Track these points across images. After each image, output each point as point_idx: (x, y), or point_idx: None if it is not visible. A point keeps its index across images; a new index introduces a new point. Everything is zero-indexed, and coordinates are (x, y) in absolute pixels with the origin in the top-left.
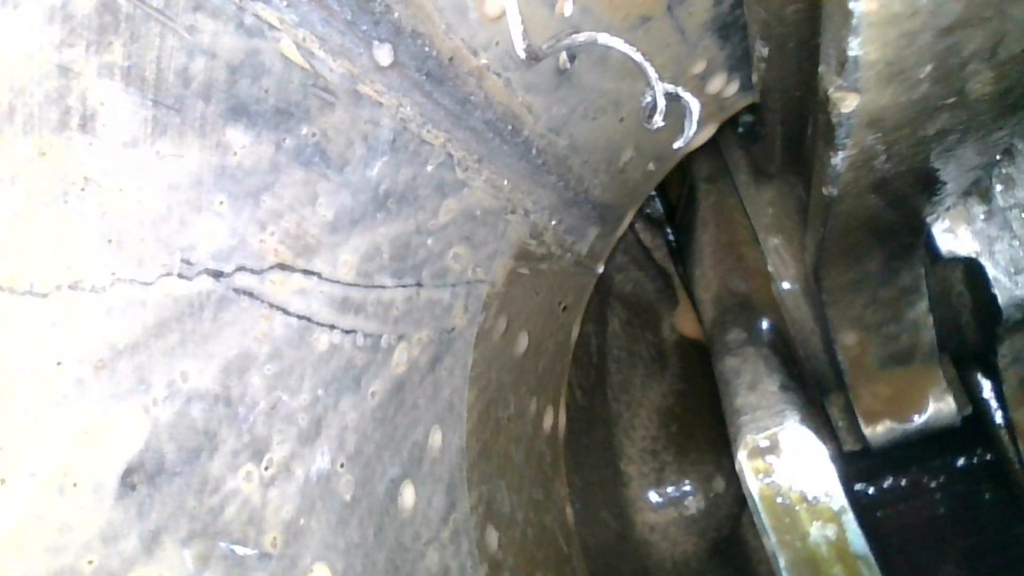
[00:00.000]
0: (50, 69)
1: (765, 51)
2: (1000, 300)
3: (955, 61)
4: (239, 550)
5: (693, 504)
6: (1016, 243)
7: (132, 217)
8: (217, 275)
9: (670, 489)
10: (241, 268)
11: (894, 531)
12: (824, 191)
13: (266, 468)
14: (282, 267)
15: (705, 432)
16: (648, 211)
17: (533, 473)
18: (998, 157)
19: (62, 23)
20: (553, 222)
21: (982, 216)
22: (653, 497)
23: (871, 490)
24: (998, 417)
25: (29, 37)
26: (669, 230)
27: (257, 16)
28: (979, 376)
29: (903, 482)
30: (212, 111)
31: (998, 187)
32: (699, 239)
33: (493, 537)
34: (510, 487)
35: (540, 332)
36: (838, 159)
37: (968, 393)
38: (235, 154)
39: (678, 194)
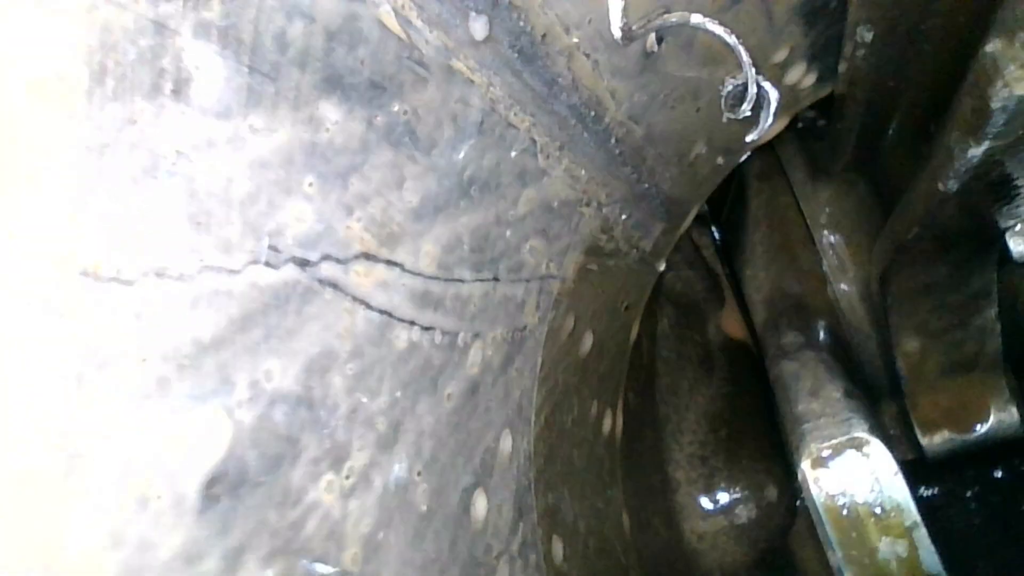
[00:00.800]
0: (145, 24)
1: (869, 36)
2: None
3: None
4: (320, 568)
5: (744, 513)
6: None
7: (221, 197)
8: (303, 264)
9: (720, 496)
10: (327, 257)
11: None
12: (940, 186)
13: (347, 477)
14: (367, 256)
15: (755, 438)
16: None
17: (594, 480)
18: None
19: None
20: (623, 216)
21: None
22: (703, 504)
23: None
24: None
25: None
26: (715, 228)
27: None
28: None
29: (937, 490)
30: (307, 81)
31: None
32: (750, 238)
33: (559, 548)
34: (573, 495)
35: (604, 332)
36: (979, 151)
37: None
38: (327, 130)
39: (724, 192)
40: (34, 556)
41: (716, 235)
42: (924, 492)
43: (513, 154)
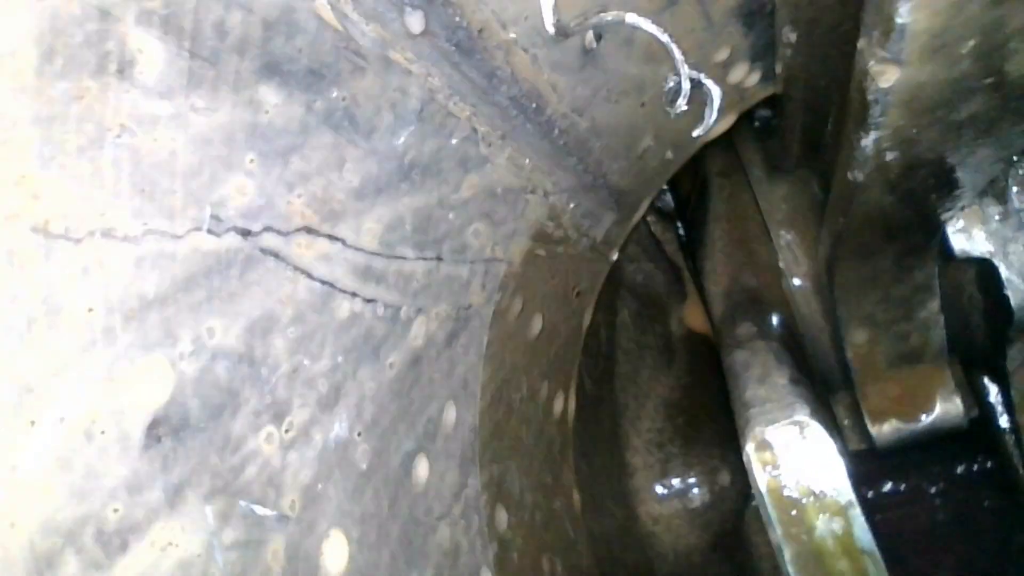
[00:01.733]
0: (91, 11)
1: (793, 36)
2: (1013, 302)
3: (999, 36)
4: (259, 510)
5: (697, 497)
6: None
7: (165, 168)
8: (245, 233)
9: (675, 481)
10: (268, 228)
11: (892, 535)
12: (849, 176)
13: (286, 431)
14: (308, 230)
15: (711, 426)
16: (659, 204)
17: (542, 456)
18: (1015, 158)
19: None
20: (571, 205)
21: (997, 217)
22: (658, 489)
23: (871, 494)
24: (1004, 422)
25: None
26: (680, 224)
27: None
28: (986, 380)
29: (903, 487)
30: (246, 67)
31: (1014, 188)
32: (711, 233)
33: (503, 517)
34: (520, 469)
35: (554, 316)
36: (869, 140)
37: (975, 396)
38: (267, 112)
39: (690, 188)
40: None
41: (680, 230)
42: (889, 487)
43: (454, 141)
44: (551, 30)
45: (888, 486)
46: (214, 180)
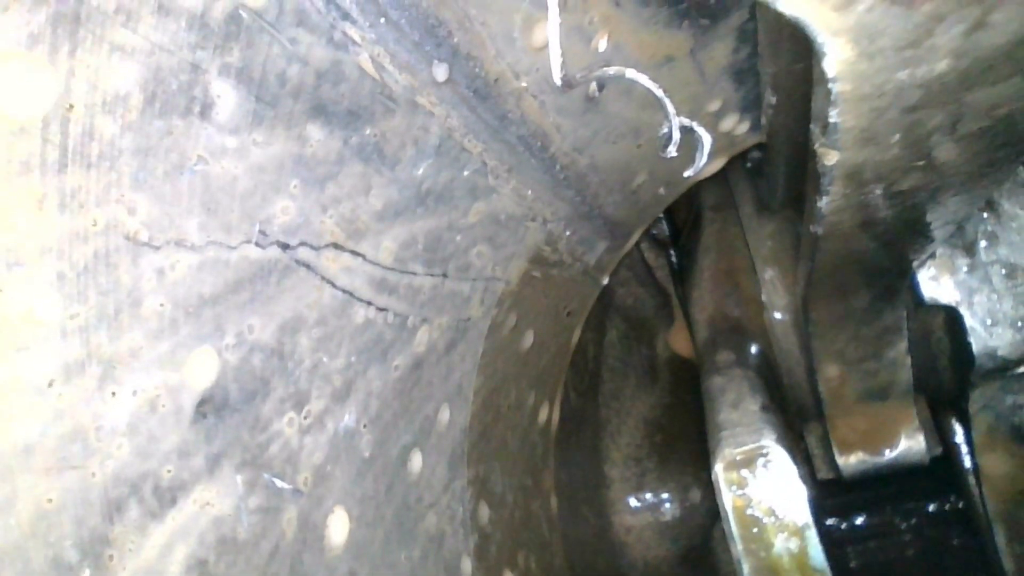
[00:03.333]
0: (185, 64)
1: (774, 99)
2: (975, 348)
3: (920, 132)
4: (278, 482)
5: (669, 512)
6: (994, 296)
7: (227, 191)
8: (284, 247)
9: (648, 495)
10: (303, 243)
11: (862, 568)
12: (811, 228)
13: (305, 417)
14: (335, 246)
15: (687, 446)
16: (654, 232)
17: (525, 461)
18: (985, 214)
19: (199, 29)
20: (567, 232)
21: (965, 268)
22: (632, 501)
23: (844, 525)
24: (967, 462)
25: (173, 37)
26: (672, 252)
27: (345, 33)
28: (952, 420)
29: (875, 521)
30: (298, 108)
31: (983, 242)
32: (700, 263)
33: (485, 512)
34: (503, 470)
35: (545, 332)
36: (823, 203)
37: (940, 436)
38: (311, 146)
39: (684, 219)
40: (74, 434)
41: (672, 258)
42: (861, 520)
43: (466, 173)
44: (558, 82)
45: (860, 519)
46: (264, 201)
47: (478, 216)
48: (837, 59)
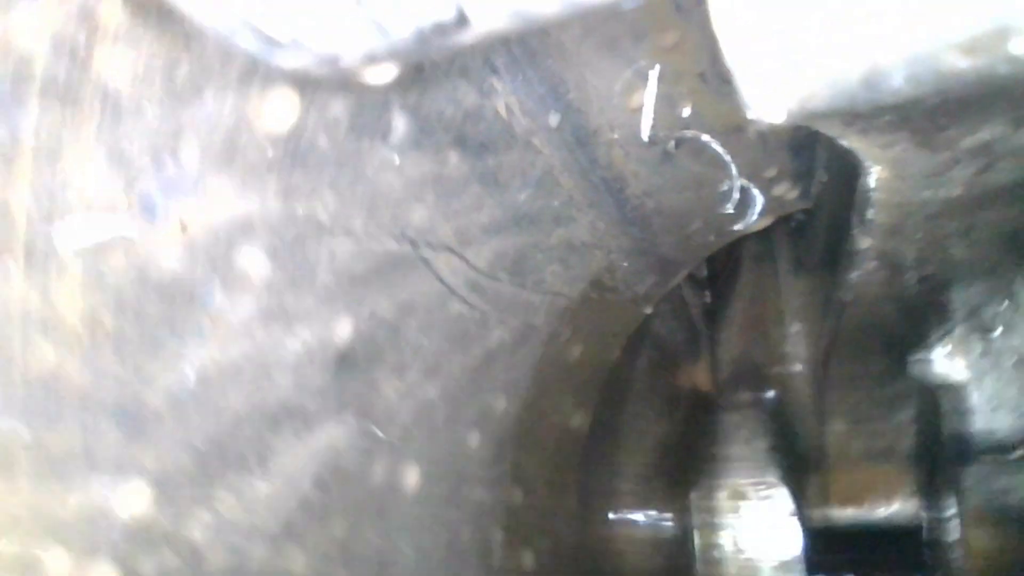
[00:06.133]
0: (380, 99)
1: (825, 177)
2: (976, 428)
3: (939, 233)
4: (379, 433)
5: (668, 531)
6: (1001, 382)
7: (386, 197)
8: (414, 245)
9: (652, 513)
10: (427, 243)
11: None
12: (840, 295)
13: (403, 385)
14: (448, 249)
15: (694, 476)
16: (694, 272)
17: (556, 459)
18: (1005, 303)
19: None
20: (625, 264)
21: (979, 351)
22: (637, 516)
23: None
24: (955, 534)
25: None
26: (708, 293)
27: (491, 84)
28: (946, 491)
29: None
30: (446, 139)
31: (999, 329)
32: (733, 306)
33: (519, 495)
34: (538, 463)
35: (591, 348)
36: (853, 275)
37: (933, 504)
38: (448, 168)
39: (723, 264)
40: (261, 362)
41: (708, 299)
42: None
43: (555, 203)
44: (645, 138)
45: None
46: (407, 208)
47: (558, 240)
48: (876, 177)
